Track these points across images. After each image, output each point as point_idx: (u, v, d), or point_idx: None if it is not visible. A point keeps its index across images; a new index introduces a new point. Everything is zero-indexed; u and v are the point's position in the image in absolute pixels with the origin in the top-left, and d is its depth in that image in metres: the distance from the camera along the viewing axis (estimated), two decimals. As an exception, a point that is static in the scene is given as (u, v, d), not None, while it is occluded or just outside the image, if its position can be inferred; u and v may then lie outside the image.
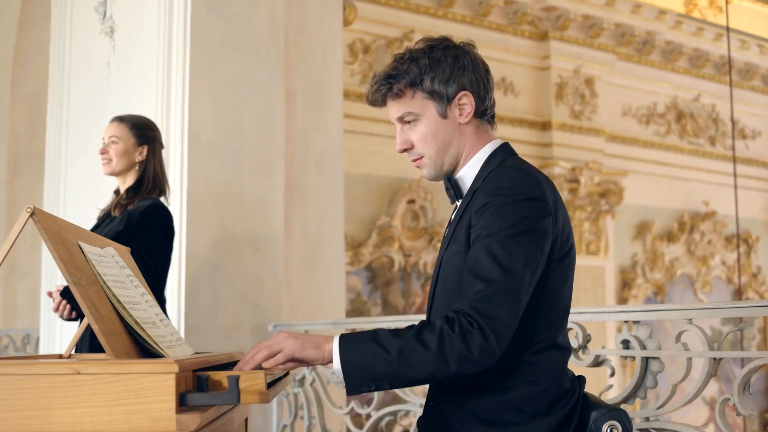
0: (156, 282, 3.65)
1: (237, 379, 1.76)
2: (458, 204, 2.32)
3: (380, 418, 4.07)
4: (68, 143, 5.54)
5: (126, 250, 2.79)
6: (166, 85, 4.71)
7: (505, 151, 2.31)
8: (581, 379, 2.31)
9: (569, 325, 3.24)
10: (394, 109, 2.30)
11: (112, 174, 3.90)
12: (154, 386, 1.70)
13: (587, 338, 3.24)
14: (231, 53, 4.80)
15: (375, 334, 2.05)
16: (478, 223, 2.13)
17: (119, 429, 1.70)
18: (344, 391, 4.47)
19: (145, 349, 2.18)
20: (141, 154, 3.87)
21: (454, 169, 2.33)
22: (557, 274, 2.19)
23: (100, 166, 5.11)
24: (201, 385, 1.81)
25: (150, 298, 2.46)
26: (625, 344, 3.10)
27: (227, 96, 4.77)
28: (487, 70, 2.32)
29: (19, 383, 1.71)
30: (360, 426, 4.24)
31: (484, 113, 2.31)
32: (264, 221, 4.80)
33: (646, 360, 3.05)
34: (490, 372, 2.11)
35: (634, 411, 3.07)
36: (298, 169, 5.03)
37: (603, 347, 3.21)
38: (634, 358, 3.07)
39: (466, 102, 2.26)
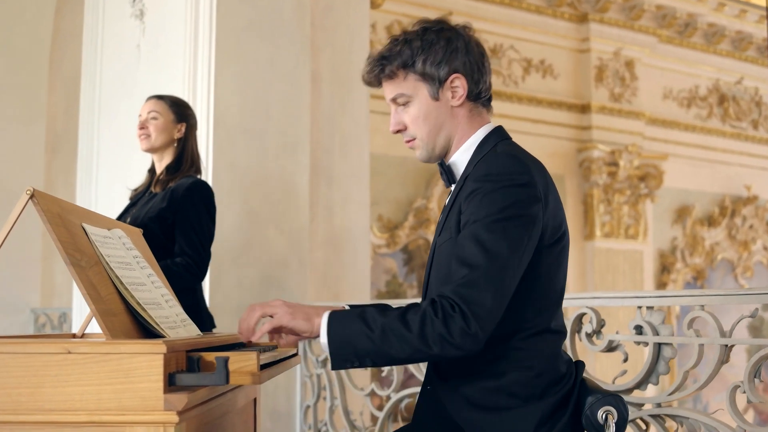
0: (201, 257, 3.69)
1: (226, 360, 1.78)
2: (452, 189, 2.32)
3: (400, 400, 4.09)
4: (100, 124, 5.59)
5: (137, 231, 2.82)
6: (192, 67, 4.74)
7: (498, 135, 2.30)
8: (579, 364, 2.30)
9: (583, 310, 3.24)
10: (387, 90, 2.31)
11: (150, 150, 3.89)
12: (143, 366, 1.73)
13: (601, 323, 3.24)
14: (257, 36, 4.82)
15: (363, 312, 2.07)
16: (466, 210, 2.13)
17: (108, 407, 1.73)
18: (366, 372, 4.54)
19: (148, 330, 2.22)
20: (179, 131, 3.88)
21: (447, 153, 2.32)
22: (549, 259, 2.19)
23: (130, 147, 5.19)
24: (192, 365, 1.83)
25: (157, 279, 2.49)
26: (638, 330, 3.09)
27: (253, 79, 4.80)
28: (482, 54, 2.30)
29: (12, 361, 1.74)
30: (380, 407, 4.26)
31: (479, 96, 2.29)
32: (289, 203, 4.83)
33: (658, 346, 3.03)
34: (483, 357, 2.12)
35: (646, 397, 3.07)
36: (324, 151, 5.05)
37: (617, 332, 3.20)
38: (647, 343, 3.06)
39: (459, 85, 2.25)
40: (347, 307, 2.20)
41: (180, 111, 3.91)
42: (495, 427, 2.12)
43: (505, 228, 2.06)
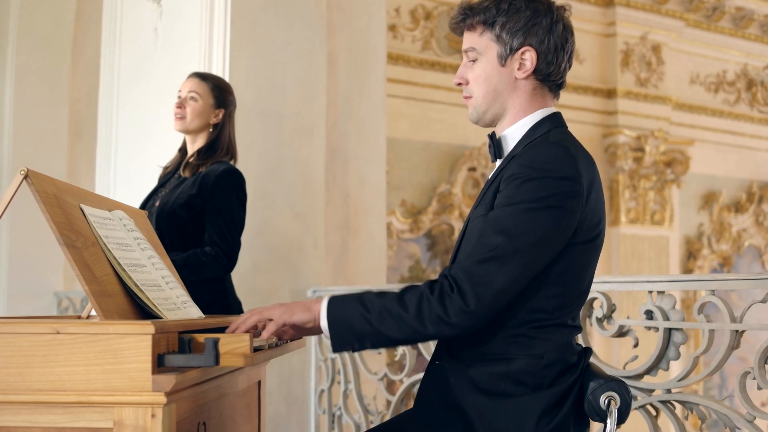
0: (230, 247, 3.64)
1: (215, 341, 1.76)
2: (497, 165, 2.28)
3: (412, 384, 4.07)
4: (119, 108, 5.60)
5: (142, 213, 2.81)
6: (208, 50, 4.73)
7: (553, 121, 2.26)
8: (587, 351, 2.27)
9: (594, 295, 3.21)
10: (465, 40, 2.31)
11: (184, 131, 3.82)
12: (131, 347, 1.72)
13: (612, 308, 3.20)
14: (273, 18, 4.80)
15: (361, 295, 2.09)
16: (503, 191, 2.10)
17: (97, 388, 1.72)
18: (380, 357, 4.53)
19: (146, 312, 2.21)
20: (217, 116, 3.80)
21: (497, 123, 2.30)
22: (580, 257, 2.16)
23: (147, 131, 5.20)
24: (183, 346, 1.82)
25: (159, 260, 2.48)
26: (649, 315, 3.05)
27: (268, 61, 4.78)
28: (566, 39, 2.25)
29: (0, 341, 1.74)
30: (393, 392, 4.25)
31: (548, 77, 2.25)
32: (304, 186, 4.81)
33: (668, 331, 3.00)
34: (494, 341, 2.12)
35: (656, 383, 3.04)
36: (340, 134, 5.03)
37: (628, 317, 3.17)
38: (657, 329, 3.03)
39: (528, 58, 2.22)
40: None
41: (221, 96, 3.82)
42: (498, 413, 2.09)
43: (535, 218, 2.04)
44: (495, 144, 2.29)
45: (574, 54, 2.30)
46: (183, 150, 3.91)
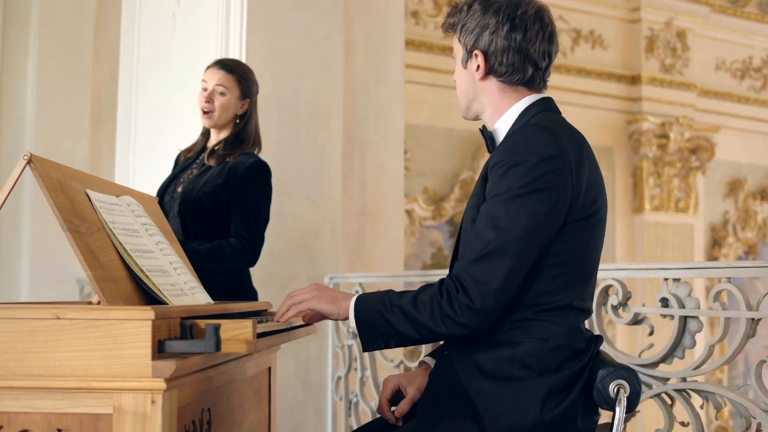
0: (256, 241, 3.63)
1: (215, 327, 1.75)
2: None
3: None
4: (138, 94, 5.60)
5: (152, 199, 2.80)
6: (225, 36, 4.71)
7: (541, 105, 2.26)
8: (597, 339, 2.25)
9: (609, 282, 3.18)
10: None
11: (213, 127, 3.76)
12: (131, 332, 1.71)
13: (627, 295, 3.17)
14: (289, 4, 4.77)
15: (383, 295, 2.15)
16: (491, 182, 2.11)
17: (97, 374, 1.71)
18: (396, 344, 4.51)
19: (153, 298, 2.20)
20: (242, 107, 3.76)
21: (482, 118, 2.33)
22: (579, 235, 2.14)
23: (165, 116, 5.20)
24: (184, 332, 1.81)
25: (167, 246, 2.47)
26: (664, 302, 3.02)
27: (285, 47, 4.76)
28: (515, 39, 2.21)
29: (0, 326, 1.73)
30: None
31: (505, 75, 2.25)
32: (321, 173, 4.79)
33: (684, 319, 2.96)
34: (499, 326, 2.11)
35: (671, 371, 3.00)
36: (357, 121, 5.00)
37: (643, 305, 3.13)
38: (672, 317, 2.99)
39: (478, 62, 2.25)
40: None
41: (246, 88, 3.77)
42: (503, 397, 2.08)
43: (524, 204, 2.04)
44: (488, 137, 2.30)
45: (536, 51, 2.23)
46: (206, 135, 3.87)
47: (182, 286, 2.37)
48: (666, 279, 3.01)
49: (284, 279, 4.62)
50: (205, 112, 3.71)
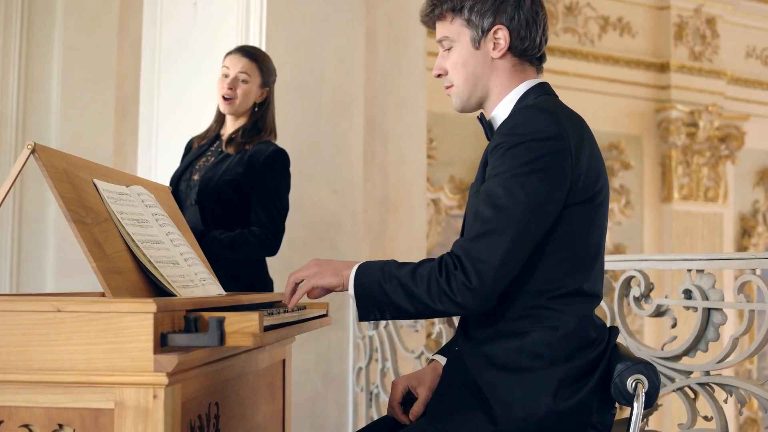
0: (278, 230, 3.62)
1: (219, 320, 1.71)
2: None
3: (449, 364, 4.01)
4: (160, 86, 5.58)
5: (164, 189, 2.77)
6: (245, 25, 4.67)
7: (539, 90, 2.24)
8: (613, 330, 2.20)
9: (631, 273, 3.12)
10: (437, 31, 2.30)
11: (232, 114, 3.73)
12: (133, 325, 1.67)
13: (650, 287, 3.11)
14: (310, -8, 4.74)
15: (383, 265, 2.11)
16: (491, 164, 2.08)
17: (98, 368, 1.68)
18: (417, 335, 4.48)
19: (162, 290, 2.17)
20: (262, 96, 3.74)
21: (483, 105, 2.27)
22: (581, 217, 2.09)
23: (187, 107, 5.17)
24: (188, 325, 1.77)
25: (178, 236, 2.43)
26: (687, 294, 2.95)
27: (305, 35, 4.71)
28: (537, 12, 2.24)
29: (1, 319, 1.70)
30: (430, 371, 4.18)
31: (524, 52, 2.24)
32: (342, 162, 4.75)
33: (707, 311, 2.90)
34: (506, 316, 2.08)
35: (694, 364, 2.94)
36: (379, 110, 4.95)
37: (666, 296, 3.07)
38: (696, 309, 2.93)
39: (501, 36, 2.21)
40: None
41: (267, 76, 3.75)
42: (513, 388, 2.03)
43: (523, 183, 2.00)
44: (486, 125, 2.27)
45: (547, 28, 2.28)
46: (220, 121, 3.83)
47: (192, 277, 2.33)
48: (689, 270, 2.95)
49: (305, 269, 4.57)
50: (225, 99, 3.68)
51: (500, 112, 2.23)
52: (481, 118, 2.28)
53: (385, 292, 2.05)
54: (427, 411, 2.22)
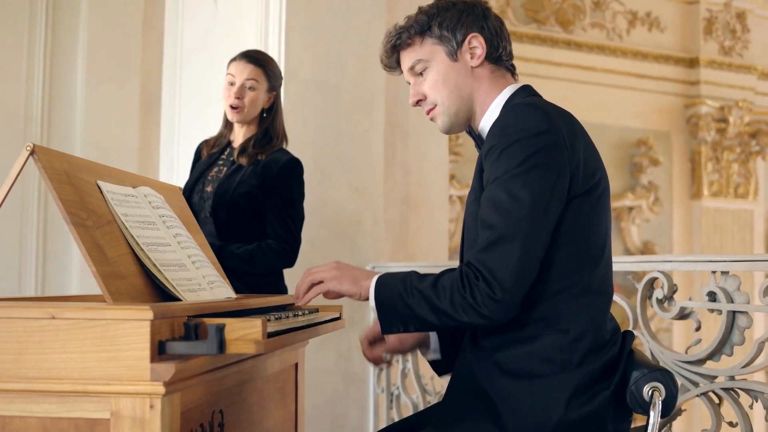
0: (295, 241, 3.57)
1: (218, 327, 1.66)
2: None
3: (470, 365, 3.95)
4: (182, 82, 5.55)
5: (175, 189, 2.72)
6: (264, 21, 4.63)
7: (525, 92, 2.21)
8: (628, 335, 2.13)
9: (654, 275, 3.04)
10: (405, 60, 2.27)
11: (241, 122, 3.66)
12: (129, 333, 1.62)
13: (673, 289, 3.03)
14: (330, -13, 4.68)
15: (405, 277, 2.05)
16: (487, 168, 2.03)
17: (93, 376, 1.63)
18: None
19: (167, 294, 2.12)
20: (268, 101, 3.67)
21: (471, 119, 2.24)
22: (583, 210, 2.04)
23: (208, 104, 5.13)
24: (188, 332, 1.71)
25: (186, 239, 2.38)
26: (712, 296, 2.87)
27: (325, 32, 4.66)
28: (501, 23, 2.25)
29: (-5, 326, 1.66)
30: (450, 372, 4.12)
31: (499, 59, 2.23)
32: (363, 160, 4.69)
33: (732, 314, 2.82)
34: (515, 320, 2.01)
35: (718, 369, 2.86)
36: (400, 107, 4.89)
37: (689, 299, 2.99)
38: (720, 311, 2.84)
39: (477, 44, 2.20)
40: None
41: (274, 80, 3.68)
42: (525, 396, 1.97)
43: (525, 182, 1.94)
44: (476, 137, 2.23)
45: (507, 37, 2.27)
46: (228, 128, 3.77)
47: (200, 280, 2.28)
48: (713, 272, 2.87)
49: (325, 269, 4.52)
50: (233, 108, 3.61)
51: (488, 121, 2.18)
52: (470, 131, 2.26)
53: (408, 305, 2.00)
54: (433, 421, 2.16)
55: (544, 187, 1.95)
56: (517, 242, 1.92)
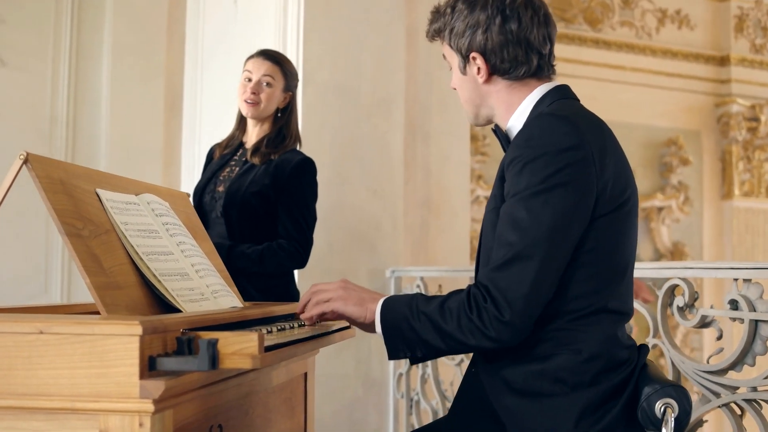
0: (307, 242, 3.53)
1: (210, 342, 1.60)
2: None
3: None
4: (203, 82, 5.53)
5: (182, 196, 2.67)
6: (283, 22, 4.59)
7: (556, 93, 2.09)
8: (642, 349, 2.06)
9: (675, 282, 2.96)
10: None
11: (256, 118, 3.64)
12: (117, 348, 1.57)
13: (694, 296, 2.95)
14: (349, -11, 4.63)
15: (410, 300, 1.98)
16: (508, 180, 1.94)
17: (82, 393, 1.58)
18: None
19: (167, 305, 2.07)
20: (284, 101, 3.65)
21: (494, 120, 2.16)
22: (610, 229, 1.95)
23: (228, 104, 5.09)
24: (180, 347, 1.66)
25: (190, 246, 2.33)
26: (734, 305, 2.79)
27: (344, 34, 4.61)
28: (510, 30, 2.05)
29: (-18, 341, 1.62)
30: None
31: (508, 72, 2.07)
32: (382, 163, 4.64)
33: (755, 323, 2.73)
34: (528, 339, 1.92)
35: (741, 380, 2.78)
36: (420, 108, 4.83)
37: (711, 307, 2.91)
38: (743, 320, 2.76)
39: (478, 63, 2.08)
40: None
41: (290, 80, 3.67)
42: (532, 415, 1.91)
43: (546, 200, 1.85)
44: (502, 137, 2.13)
45: (536, 38, 2.08)
46: (241, 129, 3.75)
47: (203, 290, 2.23)
48: (735, 279, 2.78)
49: (344, 273, 4.48)
50: (249, 102, 3.59)
51: (516, 122, 2.09)
52: (496, 130, 2.17)
53: (413, 329, 1.93)
54: None
55: (566, 207, 1.86)
56: (533, 263, 1.84)
